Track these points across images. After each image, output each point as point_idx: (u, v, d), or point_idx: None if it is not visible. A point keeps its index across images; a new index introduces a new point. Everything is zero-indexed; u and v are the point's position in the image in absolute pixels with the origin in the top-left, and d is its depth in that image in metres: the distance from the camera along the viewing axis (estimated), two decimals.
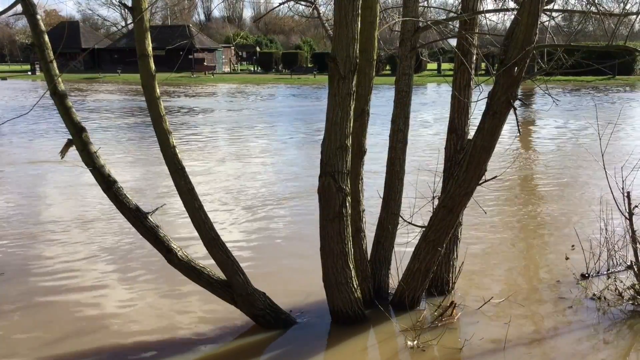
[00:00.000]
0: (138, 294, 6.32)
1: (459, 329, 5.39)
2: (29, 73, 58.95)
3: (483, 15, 5.93)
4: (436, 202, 5.49)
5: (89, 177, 5.12)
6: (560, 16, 6.74)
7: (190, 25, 65.50)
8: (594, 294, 6.01)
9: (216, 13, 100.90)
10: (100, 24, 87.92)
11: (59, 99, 4.68)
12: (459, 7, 5.83)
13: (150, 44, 4.70)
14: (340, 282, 5.18)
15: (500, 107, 4.65)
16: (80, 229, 8.68)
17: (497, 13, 6.69)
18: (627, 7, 5.63)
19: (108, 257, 7.45)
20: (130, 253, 7.55)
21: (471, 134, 5.32)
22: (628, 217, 5.99)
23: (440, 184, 5.80)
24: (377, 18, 5.11)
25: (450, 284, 6.09)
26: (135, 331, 5.49)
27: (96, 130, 19.55)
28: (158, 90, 4.79)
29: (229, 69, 64.74)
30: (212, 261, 5.24)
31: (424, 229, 5.40)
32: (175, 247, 5.06)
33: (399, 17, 6.30)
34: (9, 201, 10.41)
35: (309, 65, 59.67)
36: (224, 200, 10.32)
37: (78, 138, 4.75)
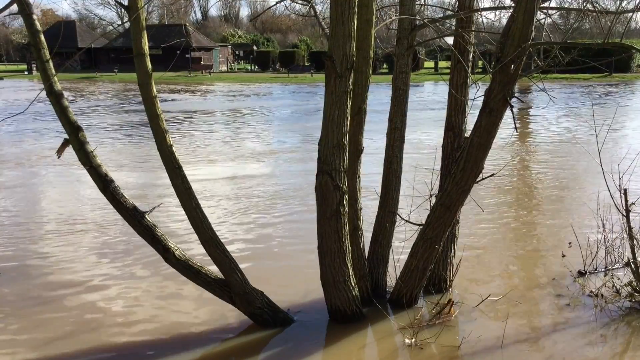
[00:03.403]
0: (136, 294, 6.32)
1: (456, 326, 5.40)
2: (26, 73, 58.79)
3: (480, 13, 5.93)
4: (434, 199, 5.49)
5: (86, 177, 5.11)
6: (557, 14, 6.73)
7: (187, 24, 65.32)
8: (591, 291, 6.03)
9: (213, 12, 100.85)
10: (97, 24, 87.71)
11: (55, 98, 4.68)
12: (456, 5, 5.83)
13: (147, 43, 4.70)
14: (338, 280, 5.18)
15: (496, 104, 4.65)
16: (78, 229, 8.66)
17: (494, 11, 6.68)
18: (623, 5, 5.63)
19: (106, 256, 7.44)
20: (127, 252, 7.54)
21: (468, 131, 5.32)
22: (625, 214, 5.99)
23: (438, 182, 5.80)
24: (374, 16, 5.12)
25: (448, 282, 6.10)
26: (133, 330, 5.48)
27: (93, 130, 19.52)
28: (154, 89, 4.79)
29: (226, 68, 64.61)
30: (210, 260, 5.24)
31: (421, 226, 5.41)
32: (172, 246, 5.06)
33: (395, 15, 6.30)
34: (6, 201, 10.38)
35: (306, 64, 59.64)
36: (221, 199, 10.31)
37: (74, 137, 4.75)
